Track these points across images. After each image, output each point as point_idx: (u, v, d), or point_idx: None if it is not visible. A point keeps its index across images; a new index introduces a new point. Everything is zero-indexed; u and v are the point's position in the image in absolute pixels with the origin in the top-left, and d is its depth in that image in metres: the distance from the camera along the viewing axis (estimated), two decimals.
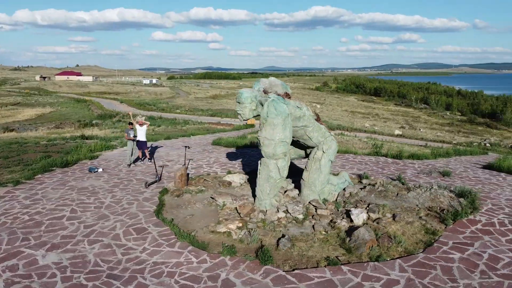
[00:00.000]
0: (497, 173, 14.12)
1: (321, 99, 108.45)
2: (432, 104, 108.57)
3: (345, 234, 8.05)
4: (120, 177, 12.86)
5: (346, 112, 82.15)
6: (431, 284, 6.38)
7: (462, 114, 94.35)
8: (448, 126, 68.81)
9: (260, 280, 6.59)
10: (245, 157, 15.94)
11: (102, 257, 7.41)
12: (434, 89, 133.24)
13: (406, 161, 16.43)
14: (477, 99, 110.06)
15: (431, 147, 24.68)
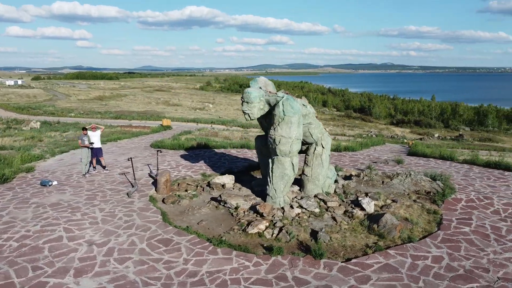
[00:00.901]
0: (427, 159, 16.37)
1: (210, 98, 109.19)
2: (311, 102, 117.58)
3: (367, 222, 8.67)
4: (87, 188, 11.54)
5: (238, 110, 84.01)
6: (468, 255, 7.35)
7: (338, 110, 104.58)
8: (332, 121, 75.81)
9: (328, 273, 6.79)
10: (204, 158, 15.58)
11: (146, 275, 6.78)
12: (308, 88, 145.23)
13: (346, 153, 17.90)
14: (346, 96, 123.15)
15: (340, 140, 27.12)
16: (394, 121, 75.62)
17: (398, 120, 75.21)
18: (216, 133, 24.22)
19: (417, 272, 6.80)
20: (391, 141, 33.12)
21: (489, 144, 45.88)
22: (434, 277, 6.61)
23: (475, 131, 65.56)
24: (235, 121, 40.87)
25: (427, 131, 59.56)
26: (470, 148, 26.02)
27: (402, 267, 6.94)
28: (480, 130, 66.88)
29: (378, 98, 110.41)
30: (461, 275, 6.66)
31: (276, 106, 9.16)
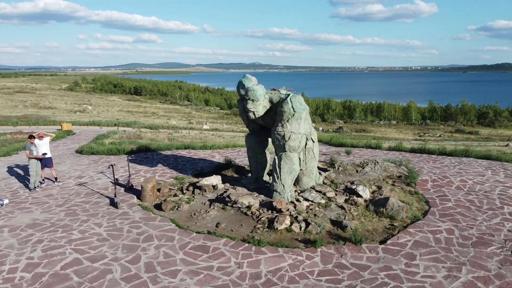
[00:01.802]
0: (359, 148, 18.18)
1: (85, 100, 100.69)
2: (194, 101, 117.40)
3: (372, 207, 9.47)
4: (56, 204, 10.06)
5: (122, 112, 79.47)
6: (468, 225, 8.65)
7: (221, 109, 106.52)
8: (221, 119, 76.90)
9: (377, 256, 7.33)
10: (159, 162, 14.72)
11: (210, 284, 6.44)
12: (187, 87, 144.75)
13: None
14: (225, 95, 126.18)
15: None
16: None
17: None
18: (140, 136, 22.81)
19: (444, 243, 7.78)
20: None
21: (364, 134, 52.25)
22: (460, 246, 7.66)
23: (348, 123, 73.70)
24: (138, 122, 38.73)
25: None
26: (356, 139, 29.36)
27: (430, 241, 7.86)
28: (351, 122, 75.41)
29: None
30: (477, 242, 7.84)
31: (284, 103, 9.33)
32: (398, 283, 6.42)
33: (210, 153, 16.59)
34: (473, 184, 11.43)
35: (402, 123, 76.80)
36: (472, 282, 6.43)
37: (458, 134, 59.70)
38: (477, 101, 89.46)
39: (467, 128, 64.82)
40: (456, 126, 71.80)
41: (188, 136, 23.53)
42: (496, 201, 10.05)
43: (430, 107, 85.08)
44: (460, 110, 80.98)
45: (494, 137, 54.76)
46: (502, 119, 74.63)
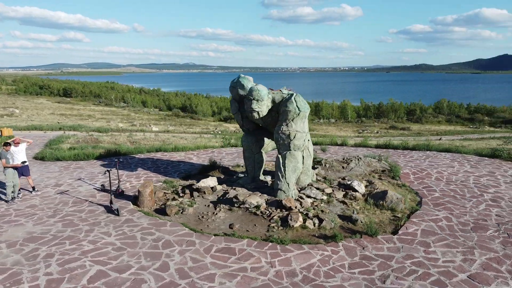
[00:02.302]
0: (326, 146, 18.84)
1: (9, 103, 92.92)
2: (130, 102, 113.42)
3: (372, 200, 9.94)
4: (47, 215, 9.32)
5: (54, 115, 74.27)
6: (461, 212, 9.43)
7: (161, 110, 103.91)
8: (163, 120, 75.05)
9: (396, 246, 7.76)
10: (138, 166, 14.13)
11: (252, 286, 6.44)
12: (120, 88, 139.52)
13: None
14: (162, 95, 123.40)
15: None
16: (222, 117, 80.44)
17: (226, 117, 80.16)
18: (98, 139, 21.59)
19: (448, 230, 8.41)
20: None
21: (312, 132, 53.94)
22: (463, 232, 8.34)
23: None
24: (84, 126, 36.53)
25: None
26: (315, 137, 30.52)
27: (435, 229, 8.46)
28: None
29: (197, 97, 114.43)
30: (475, 227, 8.58)
31: (289, 103, 9.48)
32: (425, 269, 6.85)
33: (185, 155, 16.25)
34: (448, 175, 12.42)
35: (340, 121, 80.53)
36: (488, 263, 7.05)
37: (392, 130, 63.84)
38: (402, 99, 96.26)
39: (399, 125, 69.48)
40: (389, 122, 76.70)
41: (149, 138, 22.75)
42: (475, 189, 11.02)
43: (364, 106, 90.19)
44: (391, 107, 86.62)
45: (424, 132, 59.29)
46: (428, 115, 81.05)
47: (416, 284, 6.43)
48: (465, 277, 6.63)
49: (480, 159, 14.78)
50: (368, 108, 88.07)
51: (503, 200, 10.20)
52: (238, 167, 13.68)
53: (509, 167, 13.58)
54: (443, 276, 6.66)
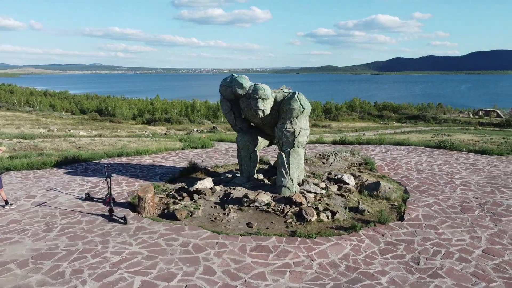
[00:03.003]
0: None
1: None
2: (37, 106, 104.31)
3: (367, 192, 10.59)
4: (44, 229, 8.39)
5: None
6: (445, 197, 10.49)
7: (73, 113, 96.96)
8: (81, 125, 69.98)
9: (410, 230, 8.43)
10: (113, 171, 13.16)
11: (304, 282, 6.60)
12: (20, 91, 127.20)
13: (222, 145, 18.78)
14: (73, 98, 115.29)
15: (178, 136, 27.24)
16: (144, 120, 77.22)
17: (149, 119, 77.10)
18: (36, 146, 19.54)
19: (444, 214, 9.33)
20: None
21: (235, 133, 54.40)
22: (456, 214, 9.32)
23: (216, 123, 75.53)
24: (3, 132, 32.62)
25: (185, 127, 64.53)
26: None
27: (433, 213, 9.33)
28: (219, 122, 77.48)
29: (113, 99, 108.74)
30: (464, 209, 9.63)
31: (293, 101, 9.70)
32: (446, 249, 7.57)
33: (150, 158, 15.57)
34: (415, 165, 13.64)
35: None
36: (492, 239, 8.00)
37: (315, 128, 67.19)
38: (315, 99, 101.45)
39: (320, 123, 73.22)
40: (311, 121, 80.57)
41: (95, 143, 21.24)
42: (444, 176, 12.29)
43: None
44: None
45: (343, 128, 63.20)
46: (343, 113, 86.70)
47: (445, 262, 7.08)
48: (480, 252, 7.46)
49: (430, 150, 16.43)
50: None
51: (471, 184, 11.53)
52: (217, 167, 13.54)
53: (458, 156, 15.31)
54: (463, 253, 7.41)
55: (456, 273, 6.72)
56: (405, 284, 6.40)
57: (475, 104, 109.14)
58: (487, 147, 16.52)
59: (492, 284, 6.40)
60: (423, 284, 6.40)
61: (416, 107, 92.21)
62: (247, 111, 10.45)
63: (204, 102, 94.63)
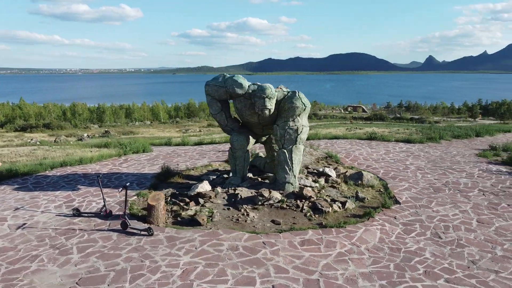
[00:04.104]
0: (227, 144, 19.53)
1: None
2: None
3: (352, 182, 11.51)
4: (60, 253, 7.24)
5: None
6: (417, 180, 12.00)
7: None
8: None
9: (413, 212, 9.55)
10: (77, 183, 11.72)
11: (360, 270, 7.14)
12: None
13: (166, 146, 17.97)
14: None
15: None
16: (17, 127, 67.69)
17: (24, 126, 67.84)
18: None
19: (425, 195, 10.76)
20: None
21: (135, 136, 52.20)
22: (434, 193, 10.81)
23: (104, 127, 70.51)
24: None
25: (71, 132, 58.39)
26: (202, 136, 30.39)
27: (416, 195, 10.67)
28: (106, 125, 72.46)
29: None
30: (436, 189, 11.21)
31: (295, 99, 10.05)
32: (451, 223, 8.83)
33: (102, 167, 14.24)
34: (368, 155, 15.15)
35: (156, 123, 79.88)
36: (475, 211, 9.59)
37: (212, 128, 67.68)
38: (198, 99, 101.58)
39: (215, 123, 74.11)
40: (201, 122, 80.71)
41: (22, 153, 18.29)
42: (398, 163, 13.96)
43: (175, 106, 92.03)
44: (199, 107, 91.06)
45: None
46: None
47: (459, 233, 8.30)
48: (476, 223, 8.90)
49: (365, 142, 18.34)
50: (179, 109, 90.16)
51: (422, 169, 13.37)
52: (189, 170, 13.11)
53: (392, 145, 17.42)
54: (465, 225, 8.76)
55: (474, 241, 7.94)
56: (446, 256, 7.35)
57: (341, 101, 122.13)
58: (410, 137, 19.08)
59: (505, 246, 7.74)
60: (459, 253, 7.44)
61: None
62: (244, 110, 10.45)
63: (83, 104, 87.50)
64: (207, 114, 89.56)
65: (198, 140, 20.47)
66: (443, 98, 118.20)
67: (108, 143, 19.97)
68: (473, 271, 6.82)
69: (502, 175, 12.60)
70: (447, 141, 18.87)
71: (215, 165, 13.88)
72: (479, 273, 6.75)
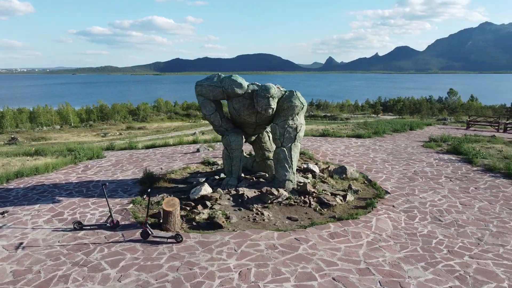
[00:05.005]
0: (189, 145, 19.10)
1: None
2: None
3: (337, 176, 12.12)
4: (96, 268, 6.56)
5: None
6: (395, 169, 13.02)
7: None
8: None
9: (404, 198, 10.43)
10: (51, 194, 10.52)
11: (400, 250, 7.71)
12: None
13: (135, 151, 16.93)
14: None
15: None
16: None
17: None
18: None
19: (405, 183, 11.77)
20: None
21: (45, 142, 48.18)
22: (411, 182, 11.88)
23: (4, 134, 63.36)
24: None
25: None
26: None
27: (399, 185, 11.63)
28: (9, 132, 65.20)
29: None
30: (411, 178, 12.31)
31: (294, 98, 10.29)
32: (442, 207, 9.84)
33: (65, 176, 13.02)
34: (333, 151, 15.99)
35: (66, 127, 74.03)
36: (454, 195, 10.79)
37: (133, 130, 64.76)
38: (106, 101, 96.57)
39: (135, 124, 70.92)
40: (117, 124, 76.77)
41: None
42: (364, 157, 14.99)
43: (87, 109, 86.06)
44: (113, 109, 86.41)
45: (162, 129, 63.50)
46: (151, 114, 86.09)
47: (453, 215, 9.30)
48: (460, 206, 10.03)
49: (322, 138, 19.26)
50: (91, 111, 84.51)
51: (388, 161, 14.55)
52: (170, 174, 12.61)
53: (347, 141, 18.60)
54: (453, 208, 9.83)
55: (469, 221, 8.99)
56: (455, 236, 8.23)
57: None
58: (359, 132, 20.48)
59: (494, 223, 8.89)
60: (464, 233, 8.38)
61: None
62: (243, 110, 10.41)
63: None
64: (122, 116, 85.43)
65: (151, 144, 19.58)
66: (347, 96, 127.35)
67: (42, 150, 18.16)
68: (483, 247, 7.75)
69: (455, 162, 14.26)
70: (389, 135, 20.66)
71: (192, 167, 13.54)
72: (489, 248, 7.69)
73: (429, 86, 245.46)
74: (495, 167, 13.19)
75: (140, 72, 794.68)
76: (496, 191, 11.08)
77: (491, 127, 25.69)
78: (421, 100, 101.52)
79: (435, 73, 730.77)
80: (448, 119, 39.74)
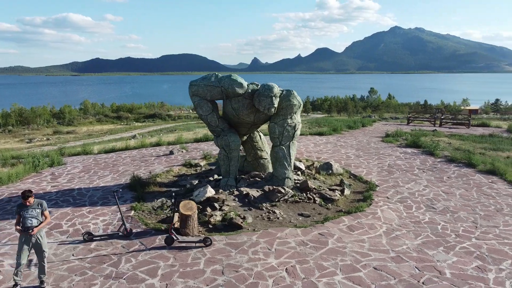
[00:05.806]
0: (172, 146, 18.39)
1: None
2: None
3: (324, 172, 12.54)
4: (135, 279, 6.14)
5: None
6: (362, 164, 13.74)
7: None
8: None
9: (393, 190, 11.13)
10: (51, 201, 9.53)
11: (416, 238, 8.27)
12: None
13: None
14: None
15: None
16: None
17: None
18: None
19: (386, 177, 12.53)
20: None
21: None
22: (390, 175, 12.69)
23: None
24: None
25: None
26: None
27: (382, 178, 12.36)
28: None
29: None
30: (389, 172, 13.12)
31: (292, 97, 10.46)
32: (429, 196, 10.66)
33: (37, 184, 11.92)
34: (305, 147, 16.44)
35: None
36: (435, 185, 11.71)
37: (61, 135, 60.36)
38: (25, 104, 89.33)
39: (63, 128, 66.09)
40: (41, 129, 71.14)
41: None
42: (337, 153, 15.63)
43: (3, 113, 78.34)
44: (35, 113, 79.79)
45: (93, 132, 59.98)
46: (78, 118, 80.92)
47: (443, 202, 10.13)
48: (444, 194, 10.95)
49: None
50: (8, 116, 77.04)
51: (360, 156, 15.31)
52: (155, 178, 12.12)
53: (314, 138, 19.19)
54: (438, 197, 10.70)
55: (458, 207, 9.88)
56: (453, 221, 9.01)
57: (179, 101, 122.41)
58: (321, 130, 21.23)
59: (478, 208, 9.84)
60: (459, 218, 9.21)
61: (145, 106, 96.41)
62: (242, 110, 10.35)
63: None
64: (44, 120, 79.12)
65: (110, 148, 18.47)
66: None
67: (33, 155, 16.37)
68: (482, 229, 8.58)
69: (419, 155, 15.46)
70: (346, 132, 21.71)
71: (175, 170, 13.13)
72: (487, 229, 8.54)
73: (349, 85, 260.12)
74: (456, 158, 14.52)
75: (56, 72, 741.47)
76: (466, 179, 12.24)
77: (429, 122, 28.05)
78: (346, 99, 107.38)
79: (353, 73, 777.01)
80: (372, 116, 42.37)
